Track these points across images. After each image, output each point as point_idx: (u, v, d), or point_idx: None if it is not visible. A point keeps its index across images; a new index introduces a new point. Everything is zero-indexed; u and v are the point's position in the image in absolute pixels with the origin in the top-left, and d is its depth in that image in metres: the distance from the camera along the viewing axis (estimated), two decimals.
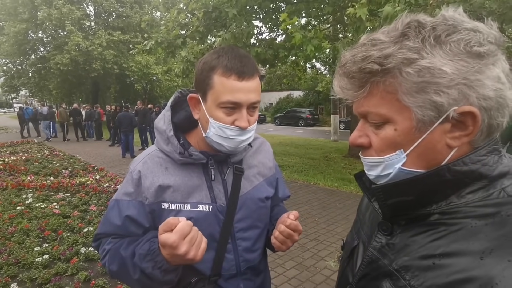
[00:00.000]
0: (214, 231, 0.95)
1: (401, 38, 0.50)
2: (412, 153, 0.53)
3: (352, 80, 0.54)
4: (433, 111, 0.49)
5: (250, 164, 1.05)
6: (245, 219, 1.00)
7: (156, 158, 0.97)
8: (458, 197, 0.51)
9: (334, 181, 6.94)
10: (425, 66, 0.47)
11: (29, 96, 31.70)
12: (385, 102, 0.52)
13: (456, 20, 0.49)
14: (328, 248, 3.81)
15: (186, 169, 0.95)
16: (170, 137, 0.94)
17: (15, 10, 20.24)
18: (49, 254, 3.48)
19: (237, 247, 0.99)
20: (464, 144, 0.51)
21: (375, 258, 0.61)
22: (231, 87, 0.83)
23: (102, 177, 7.04)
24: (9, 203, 5.15)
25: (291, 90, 31.28)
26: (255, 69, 0.87)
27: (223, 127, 0.87)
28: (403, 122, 0.52)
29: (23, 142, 13.31)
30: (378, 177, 0.58)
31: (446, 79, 0.47)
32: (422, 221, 0.54)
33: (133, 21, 22.15)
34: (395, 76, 0.49)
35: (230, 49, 0.88)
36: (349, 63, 0.54)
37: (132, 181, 0.94)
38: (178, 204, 0.92)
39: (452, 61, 0.47)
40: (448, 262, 0.47)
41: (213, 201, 0.95)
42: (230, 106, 0.85)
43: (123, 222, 0.92)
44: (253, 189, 1.02)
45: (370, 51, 0.51)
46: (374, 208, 0.68)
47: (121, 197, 0.95)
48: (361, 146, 0.59)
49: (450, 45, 0.47)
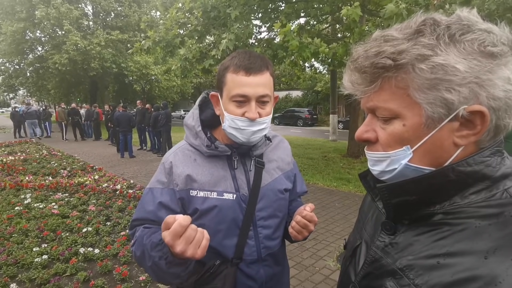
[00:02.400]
0: (237, 218, 1.03)
1: (415, 35, 0.50)
2: (418, 149, 0.53)
3: (364, 75, 0.54)
4: (443, 109, 0.49)
5: (270, 158, 1.14)
6: (266, 208, 1.07)
7: (186, 151, 1.07)
8: (461, 198, 0.52)
9: (333, 180, 6.96)
10: (439, 63, 0.47)
11: (27, 96, 31.54)
12: (396, 97, 0.52)
13: (470, 20, 0.50)
14: (327, 247, 3.82)
15: (212, 161, 1.05)
16: (198, 132, 1.05)
17: (12, 9, 20.13)
18: (48, 254, 3.48)
19: (258, 234, 1.06)
20: (471, 144, 0.52)
21: (378, 257, 0.61)
22: (239, 81, 0.94)
23: (100, 177, 7.03)
24: (8, 203, 5.14)
25: (290, 90, 31.28)
26: (264, 66, 0.96)
27: (234, 119, 0.96)
28: (412, 118, 0.52)
29: (21, 142, 13.27)
30: (382, 172, 0.59)
31: (458, 77, 0.47)
32: (426, 221, 0.55)
33: (131, 20, 22.09)
34: (408, 71, 0.50)
35: (243, 52, 0.99)
36: (362, 58, 0.54)
37: (165, 170, 1.05)
38: (206, 192, 1.01)
39: (466, 60, 0.47)
40: (453, 262, 0.48)
41: (237, 190, 1.04)
42: (239, 100, 0.95)
43: (156, 208, 1.01)
44: (273, 181, 1.11)
45: (384, 47, 0.51)
46: (377, 207, 0.69)
47: (154, 185, 1.05)
48: (368, 140, 0.59)
49: (464, 44, 0.48)
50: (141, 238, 0.97)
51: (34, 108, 16.11)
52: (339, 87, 3.73)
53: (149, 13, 23.58)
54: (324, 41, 7.22)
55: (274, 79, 1.02)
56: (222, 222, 1.02)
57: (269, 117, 1.00)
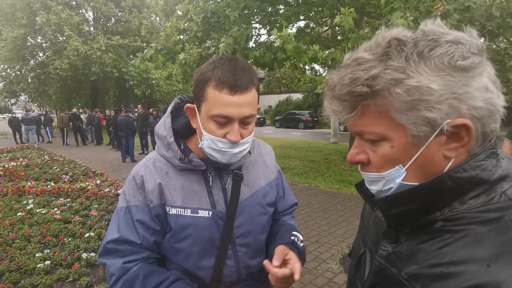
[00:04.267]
0: (214, 237, 0.94)
1: (384, 57, 0.50)
2: (411, 167, 0.53)
3: (343, 103, 0.54)
4: (427, 127, 0.49)
5: (250, 169, 1.04)
6: (245, 225, 0.99)
7: (157, 163, 0.97)
8: (460, 203, 0.52)
9: (334, 183, 6.94)
10: (413, 85, 0.47)
11: (29, 102, 31.66)
12: (379, 121, 0.52)
13: (436, 33, 0.49)
14: (330, 250, 3.81)
15: (186, 175, 0.96)
16: (170, 143, 0.95)
17: (13, 15, 20.23)
18: (50, 260, 3.47)
19: (237, 253, 0.98)
20: (462, 153, 0.52)
21: (383, 266, 0.61)
22: (222, 101, 0.83)
23: (102, 182, 7.03)
24: (10, 209, 5.14)
25: (291, 93, 31.32)
26: (251, 82, 0.85)
27: (214, 140, 0.87)
28: (399, 139, 0.52)
29: (22, 148, 13.31)
30: (379, 191, 0.59)
31: (435, 95, 0.47)
32: (427, 228, 0.55)
33: (132, 25, 22.19)
34: (385, 96, 0.50)
35: (227, 61, 0.86)
36: (338, 87, 0.54)
37: (136, 185, 0.94)
38: (178, 209, 0.92)
39: (439, 77, 0.47)
40: (457, 270, 0.48)
41: (213, 206, 0.95)
42: (221, 120, 0.85)
43: (134, 227, 0.92)
44: (252, 195, 1.02)
45: (357, 73, 0.51)
46: (377, 216, 0.68)
47: (129, 203, 0.94)
48: (360, 163, 0.59)
49: (434, 61, 0.48)
50: (130, 285, 0.87)
51: (33, 114, 16.12)
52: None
53: (150, 18, 23.71)
54: (324, 44, 7.25)
55: (259, 92, 0.91)
56: (198, 242, 0.93)
57: (251, 136, 0.92)
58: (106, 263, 0.92)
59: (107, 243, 0.92)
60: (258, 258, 1.03)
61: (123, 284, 0.88)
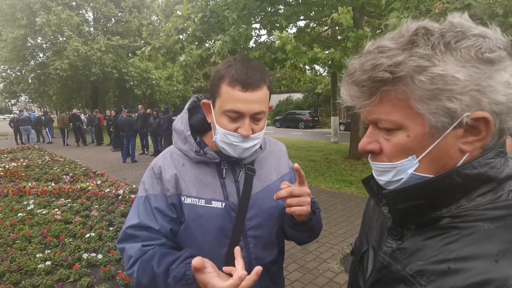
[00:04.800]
0: (227, 228, 0.99)
1: (410, 45, 0.50)
2: (424, 158, 0.53)
3: (362, 89, 0.53)
4: (446, 117, 0.49)
5: (262, 164, 1.09)
6: (256, 217, 1.03)
7: (174, 155, 1.04)
8: (468, 200, 0.52)
9: (335, 183, 6.95)
10: (438, 73, 0.47)
11: (29, 102, 31.69)
12: (397, 109, 0.52)
13: (463, 26, 0.50)
14: (331, 250, 3.81)
15: (201, 167, 1.01)
16: (187, 137, 1.02)
17: (12, 15, 20.24)
18: (51, 261, 3.48)
19: (248, 245, 1.02)
20: (477, 149, 0.52)
21: (387, 263, 0.60)
22: (234, 97, 0.89)
23: (103, 182, 7.04)
24: (10, 210, 5.15)
25: (291, 93, 31.31)
26: (262, 80, 0.90)
27: (226, 134, 0.92)
28: (415, 129, 0.52)
29: (23, 148, 13.32)
30: (389, 182, 0.58)
31: (459, 85, 0.47)
32: (433, 225, 0.54)
33: (132, 25, 22.19)
34: (407, 83, 0.49)
35: (241, 60, 0.92)
36: (358, 72, 0.53)
37: (155, 175, 1.00)
38: (193, 199, 0.97)
39: (464, 68, 0.47)
40: (464, 266, 0.48)
41: (226, 198, 0.99)
42: (233, 115, 0.90)
43: (153, 214, 0.96)
44: (264, 189, 1.06)
45: (379, 59, 0.51)
46: (382, 212, 0.68)
47: (148, 192, 1.00)
48: (371, 152, 0.59)
49: (460, 52, 0.47)
50: (147, 263, 0.90)
51: (26, 114, 16.12)
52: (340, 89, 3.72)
53: (150, 19, 23.70)
54: (324, 44, 7.24)
55: (270, 91, 0.96)
56: (210, 231, 0.98)
57: (262, 132, 0.97)
58: (125, 247, 0.96)
59: (127, 228, 0.97)
60: (269, 251, 1.07)
61: (140, 263, 0.92)
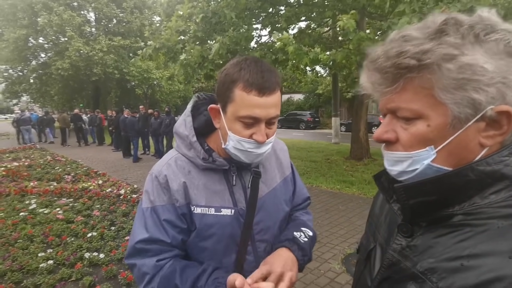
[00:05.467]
0: (236, 234, 0.96)
1: (438, 34, 0.49)
2: (442, 150, 0.52)
3: (385, 75, 0.53)
4: (470, 109, 0.48)
5: (266, 166, 1.06)
6: (263, 221, 1.01)
7: (179, 162, 0.97)
8: (481, 198, 0.51)
9: (336, 183, 6.94)
10: (467, 62, 0.47)
11: (31, 102, 31.73)
12: (419, 97, 0.51)
13: (492, 20, 0.50)
14: (332, 250, 3.81)
15: (208, 174, 0.97)
16: (193, 143, 0.96)
17: (14, 16, 20.28)
18: (53, 260, 3.49)
19: (256, 249, 1.00)
20: (496, 144, 0.51)
21: (396, 260, 0.60)
22: (250, 102, 0.83)
23: (104, 182, 7.06)
24: (12, 209, 5.16)
25: (292, 93, 31.29)
26: (277, 84, 0.86)
27: (241, 140, 0.87)
28: (437, 118, 0.51)
29: (25, 148, 13.34)
30: (402, 172, 0.57)
31: (486, 77, 0.47)
32: (445, 222, 0.54)
33: (133, 26, 22.24)
34: (433, 71, 0.49)
35: (253, 62, 0.86)
36: (382, 58, 0.52)
37: (160, 185, 0.94)
38: (203, 208, 0.93)
39: (493, 59, 0.47)
40: (477, 263, 0.47)
41: (235, 204, 0.96)
42: (249, 121, 0.85)
43: (162, 227, 0.92)
44: (270, 192, 1.04)
45: (405, 46, 0.50)
46: (392, 209, 0.67)
47: (154, 203, 0.94)
48: (387, 141, 0.58)
49: (489, 44, 0.47)
50: (168, 280, 0.87)
51: (27, 114, 16.19)
52: (341, 90, 3.74)
53: (151, 19, 23.72)
54: (325, 45, 7.25)
55: (282, 93, 0.92)
56: (221, 240, 0.95)
57: (274, 135, 0.94)
58: (136, 263, 0.91)
59: (136, 243, 0.91)
60: None
61: (160, 280, 0.88)
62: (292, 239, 1.01)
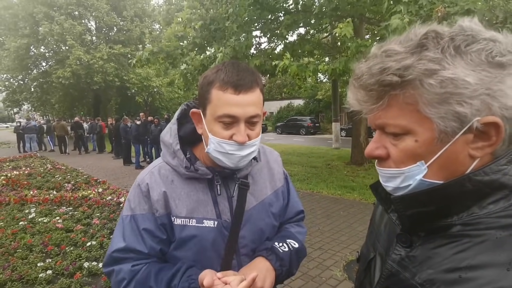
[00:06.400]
0: (219, 247, 0.93)
1: (419, 49, 0.49)
2: (433, 164, 0.52)
3: (370, 93, 0.53)
4: (455, 122, 0.48)
5: (256, 178, 1.03)
6: (250, 234, 0.97)
7: (163, 171, 0.96)
8: (479, 208, 0.51)
9: (337, 189, 6.92)
10: (448, 77, 0.47)
11: (31, 111, 31.87)
12: (405, 113, 0.51)
13: (473, 30, 0.49)
14: (333, 257, 3.78)
15: (191, 184, 0.94)
16: (176, 151, 0.94)
17: (15, 25, 20.45)
18: (52, 269, 3.46)
19: (241, 263, 0.97)
20: (487, 154, 0.51)
21: (395, 271, 0.59)
22: (227, 100, 0.82)
23: (104, 190, 7.03)
24: (12, 218, 5.13)
25: (292, 99, 31.42)
26: (254, 82, 0.85)
27: (221, 142, 0.85)
28: (424, 133, 0.51)
29: (25, 157, 13.35)
30: (396, 188, 0.57)
31: (469, 89, 0.46)
32: (443, 232, 0.53)
33: (133, 34, 22.40)
34: (416, 87, 0.49)
35: (230, 64, 0.87)
36: (366, 76, 0.53)
37: (142, 193, 0.93)
38: (183, 219, 0.91)
39: (475, 71, 0.46)
40: (475, 275, 0.47)
41: (218, 216, 0.93)
42: (227, 120, 0.84)
43: (141, 236, 0.90)
44: (258, 204, 1.00)
45: (388, 63, 0.50)
46: (391, 219, 0.66)
47: (134, 211, 0.93)
48: (379, 157, 0.58)
49: (471, 55, 0.47)
50: (143, 284, 0.87)
51: (33, 123, 16.25)
52: (341, 95, 3.74)
53: (151, 27, 23.92)
54: (324, 51, 7.29)
55: (263, 95, 0.90)
56: (202, 252, 0.92)
57: (258, 138, 0.90)
58: (114, 269, 0.91)
59: (112, 252, 0.91)
60: None
61: (135, 284, 0.87)
62: (271, 248, 0.98)
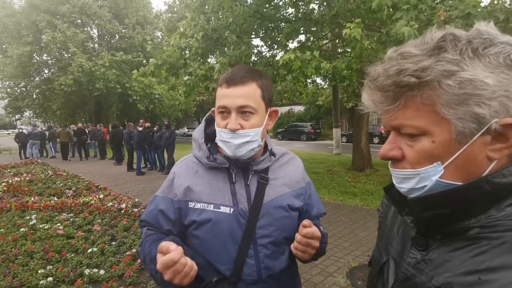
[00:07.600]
0: (235, 234, 1.00)
1: (436, 51, 0.50)
2: (450, 165, 0.52)
3: (386, 94, 0.53)
4: (474, 123, 0.48)
5: (276, 175, 1.11)
6: (268, 226, 1.03)
7: (190, 163, 1.11)
8: (497, 210, 0.50)
9: (338, 195, 6.89)
10: (467, 78, 0.47)
11: (33, 117, 32.01)
12: (421, 114, 0.51)
13: (490, 34, 0.50)
14: (336, 263, 3.75)
15: (213, 173, 1.06)
16: (201, 144, 1.10)
17: (18, 33, 20.67)
18: (53, 276, 3.44)
19: (258, 253, 1.02)
20: (504, 156, 0.51)
21: (411, 274, 0.59)
22: (221, 94, 0.98)
23: (105, 196, 7.02)
24: (13, 225, 5.12)
25: (292, 105, 31.50)
26: (249, 77, 0.97)
27: (220, 131, 0.99)
28: (441, 134, 0.51)
29: (26, 163, 13.36)
30: (411, 190, 0.57)
31: (488, 91, 0.47)
32: (461, 235, 0.53)
33: (135, 41, 22.59)
34: (434, 88, 0.49)
35: (237, 66, 1.02)
36: (382, 77, 0.53)
37: (168, 181, 1.10)
38: (203, 204, 1.01)
39: (493, 73, 0.47)
40: (495, 277, 0.46)
41: (235, 204, 1.02)
42: (222, 111, 0.98)
43: (156, 213, 1.07)
44: (277, 198, 1.07)
45: (404, 64, 0.50)
46: (405, 222, 0.66)
47: (158, 193, 1.10)
48: (393, 158, 0.58)
49: (489, 58, 0.48)
50: (144, 245, 1.04)
51: (39, 129, 16.33)
52: (341, 101, 3.75)
53: (153, 34, 24.12)
54: (325, 57, 7.33)
55: (264, 91, 1.00)
56: (218, 236, 1.00)
57: (254, 130, 0.97)
58: (142, 230, 1.13)
59: (141, 220, 1.13)
60: (278, 260, 1.06)
61: (144, 244, 1.05)
62: (315, 224, 1.05)
